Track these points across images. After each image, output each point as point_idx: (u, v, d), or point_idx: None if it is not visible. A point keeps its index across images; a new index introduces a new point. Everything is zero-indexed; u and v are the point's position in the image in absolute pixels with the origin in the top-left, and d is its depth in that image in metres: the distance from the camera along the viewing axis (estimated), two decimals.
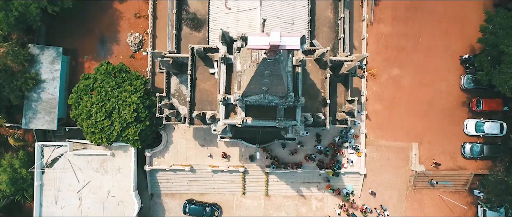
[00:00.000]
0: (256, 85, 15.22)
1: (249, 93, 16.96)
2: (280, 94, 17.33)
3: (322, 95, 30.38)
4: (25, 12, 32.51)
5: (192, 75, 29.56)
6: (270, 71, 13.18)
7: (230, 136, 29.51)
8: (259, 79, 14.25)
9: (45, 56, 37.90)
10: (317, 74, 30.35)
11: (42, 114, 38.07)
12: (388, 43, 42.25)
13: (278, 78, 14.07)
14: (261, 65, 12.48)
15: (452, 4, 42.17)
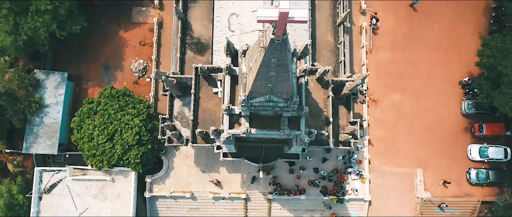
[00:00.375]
0: (262, 81, 15.33)
1: (254, 94, 17.02)
2: (285, 96, 17.38)
3: (324, 114, 30.45)
4: (34, 36, 33.39)
5: (195, 95, 29.80)
6: (277, 59, 13.39)
7: (233, 153, 29.13)
8: (265, 73, 14.41)
9: (50, 81, 38.40)
10: (319, 94, 30.63)
11: (43, 138, 37.89)
12: (388, 69, 42.98)
13: (284, 70, 14.21)
14: (269, 50, 12.70)
15: (449, 34, 43.40)
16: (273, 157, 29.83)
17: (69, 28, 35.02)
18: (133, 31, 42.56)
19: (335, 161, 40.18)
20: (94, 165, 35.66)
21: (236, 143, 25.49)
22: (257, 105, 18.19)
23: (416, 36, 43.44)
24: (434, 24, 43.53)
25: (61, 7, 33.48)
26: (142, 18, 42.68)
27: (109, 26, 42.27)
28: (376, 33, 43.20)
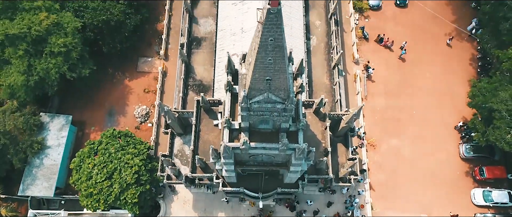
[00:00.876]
0: (260, 71, 16.22)
1: (253, 92, 17.79)
2: (282, 95, 18.15)
3: (323, 146, 30.84)
4: (45, 76, 35.17)
5: (196, 126, 30.54)
6: (274, 39, 14.52)
7: (232, 183, 28.73)
8: (263, 59, 15.38)
9: (54, 123, 39.34)
10: (317, 126, 31.38)
11: (41, 180, 37.57)
12: (384, 115, 44.16)
13: (280, 55, 15.19)
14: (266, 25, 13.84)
15: (439, 82, 45.46)
16: (272, 187, 29.46)
17: (79, 71, 36.99)
18: (138, 79, 44.68)
19: (341, 206, 39.30)
20: (90, 205, 34.86)
21: (236, 166, 25.56)
22: (256, 108, 18.91)
23: (408, 84, 45.44)
24: (425, 73, 45.80)
25: (73, 51, 35.82)
26: (147, 67, 45.13)
27: (115, 75, 44.51)
28: (370, 81, 45.25)
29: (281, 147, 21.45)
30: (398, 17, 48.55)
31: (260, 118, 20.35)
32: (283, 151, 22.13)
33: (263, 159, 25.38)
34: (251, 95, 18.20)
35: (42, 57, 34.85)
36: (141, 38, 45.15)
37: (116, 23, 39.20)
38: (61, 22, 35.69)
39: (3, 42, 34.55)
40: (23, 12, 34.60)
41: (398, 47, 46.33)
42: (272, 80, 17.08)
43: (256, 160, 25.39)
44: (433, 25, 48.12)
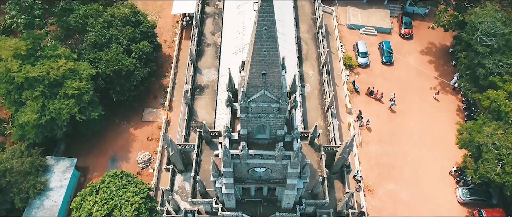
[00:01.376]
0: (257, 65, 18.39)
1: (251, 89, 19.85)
2: (276, 93, 20.17)
3: (319, 174, 31.92)
4: (56, 117, 37.53)
5: (197, 156, 32.00)
6: (267, 28, 17.10)
7: (232, 209, 28.97)
8: (259, 50, 17.63)
9: (59, 166, 40.53)
10: (312, 156, 32.83)
11: None
12: (379, 161, 45.46)
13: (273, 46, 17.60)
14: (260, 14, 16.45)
15: (430, 130, 47.63)
16: (270, 212, 29.67)
17: (89, 114, 39.48)
18: (142, 128, 46.91)
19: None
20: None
21: (235, 184, 26.39)
22: (253, 108, 20.77)
23: (400, 132, 47.58)
24: (415, 123, 48.21)
25: (86, 94, 38.76)
26: (152, 117, 47.68)
27: (121, 124, 46.86)
28: (364, 129, 47.45)
29: (277, 153, 22.93)
30: (385, 73, 52.65)
31: (258, 122, 22.22)
32: (280, 158, 23.50)
33: (261, 176, 26.42)
34: (249, 94, 20.41)
35: (56, 99, 37.59)
36: (147, 91, 48.56)
37: (126, 73, 42.82)
38: (77, 69, 39.27)
39: (22, 85, 37.66)
40: (45, 59, 38.33)
41: (387, 99, 49.51)
42: (267, 75, 19.50)
43: (255, 176, 26.44)
44: (419, 80, 52.01)
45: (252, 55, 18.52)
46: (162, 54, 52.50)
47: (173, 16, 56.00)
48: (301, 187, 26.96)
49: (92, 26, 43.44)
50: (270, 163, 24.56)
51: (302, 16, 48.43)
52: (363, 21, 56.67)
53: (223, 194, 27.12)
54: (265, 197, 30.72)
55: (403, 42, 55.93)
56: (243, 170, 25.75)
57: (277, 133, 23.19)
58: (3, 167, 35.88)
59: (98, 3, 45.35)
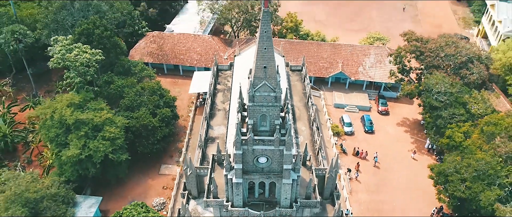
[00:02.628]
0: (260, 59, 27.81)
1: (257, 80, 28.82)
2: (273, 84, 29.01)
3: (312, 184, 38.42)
4: (93, 154, 45.39)
5: (211, 171, 39.07)
6: (266, 31, 27.10)
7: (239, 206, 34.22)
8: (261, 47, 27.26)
9: (85, 202, 46.33)
10: (306, 174, 39.79)
11: None
12: (368, 206, 50.98)
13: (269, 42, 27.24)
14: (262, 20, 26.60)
15: (413, 181, 54.18)
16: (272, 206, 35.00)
17: (118, 156, 47.36)
18: (158, 180, 53.72)
19: None
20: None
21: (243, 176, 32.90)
22: (257, 97, 29.34)
23: (385, 184, 54.11)
24: (397, 177, 55.12)
25: (118, 139, 47.38)
26: (167, 171, 54.90)
27: (140, 175, 53.85)
28: (353, 181, 54.11)
29: (275, 137, 30.85)
30: (368, 140, 61.62)
31: (260, 111, 30.72)
32: (277, 143, 31.17)
33: (264, 168, 33.34)
34: (255, 84, 29.58)
35: (95, 140, 46.07)
36: (165, 150, 56.87)
37: (151, 129, 52.06)
38: (114, 119, 48.78)
39: (69, 129, 46.62)
40: (91, 110, 48.21)
41: (371, 157, 57.42)
42: (267, 68, 29.01)
43: (258, 168, 33.35)
44: (398, 145, 60.69)
45: (256, 53, 28.63)
46: (178, 124, 62.42)
47: (189, 97, 67.98)
48: (295, 178, 33.72)
49: (127, 93, 54.62)
50: (270, 150, 32.15)
51: (295, 91, 60.01)
52: (347, 101, 68.40)
53: (234, 184, 33.66)
54: (266, 199, 36.66)
55: (381, 117, 66.51)
56: (249, 160, 33.02)
57: (275, 122, 31.59)
58: (44, 193, 42.09)
59: (133, 78, 57.47)
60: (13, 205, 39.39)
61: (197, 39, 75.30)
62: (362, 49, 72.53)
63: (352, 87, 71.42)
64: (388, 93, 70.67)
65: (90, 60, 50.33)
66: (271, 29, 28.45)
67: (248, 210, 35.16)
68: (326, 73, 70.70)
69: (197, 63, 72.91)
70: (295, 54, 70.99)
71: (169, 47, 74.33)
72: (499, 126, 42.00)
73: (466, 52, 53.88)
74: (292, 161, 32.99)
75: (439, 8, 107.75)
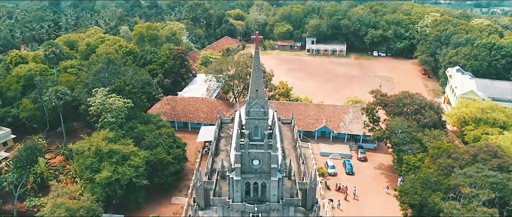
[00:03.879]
0: (253, 84, 40.69)
1: (251, 99, 41.40)
2: (262, 103, 41.43)
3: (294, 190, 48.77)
4: (121, 177, 56.09)
5: (217, 180, 49.77)
6: (257, 65, 40.36)
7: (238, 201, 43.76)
8: (254, 75, 40.47)
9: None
10: (289, 183, 50.43)
11: None
12: None
13: (259, 74, 40.57)
14: (254, 57, 40.09)
15: (384, 208, 63.40)
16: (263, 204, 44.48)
17: (140, 181, 58.08)
18: (169, 207, 63.17)
19: None
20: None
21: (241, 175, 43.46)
22: (251, 112, 41.64)
23: (362, 211, 63.33)
24: (373, 205, 64.55)
25: (141, 168, 58.60)
26: (177, 201, 64.56)
27: (154, 203, 63.41)
28: (336, 209, 63.46)
29: (264, 142, 42.63)
30: (349, 180, 71.99)
31: (254, 124, 42.82)
32: (266, 147, 42.75)
33: (257, 169, 44.26)
34: (249, 102, 42.30)
35: (123, 166, 57.27)
36: (175, 186, 67.18)
37: (166, 163, 63.41)
38: (138, 153, 60.51)
39: (102, 156, 58.11)
40: (121, 144, 60.21)
41: (351, 191, 67.42)
42: (258, 91, 41.87)
43: (253, 169, 44.28)
44: (374, 183, 70.95)
45: (251, 81, 42.03)
46: (187, 167, 73.44)
47: (196, 148, 79.96)
48: (280, 177, 44.55)
49: (147, 136, 67.06)
50: (261, 152, 43.61)
51: (285, 137, 72.23)
52: (331, 151, 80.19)
53: (234, 181, 44.32)
54: (259, 198, 46.68)
55: (360, 163, 77.68)
56: (246, 162, 44.21)
57: (265, 132, 43.66)
58: (80, 205, 51.99)
59: (153, 125, 70.38)
60: (58, 210, 49.25)
61: (204, 102, 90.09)
62: (342, 108, 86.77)
63: (335, 140, 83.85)
64: (367, 145, 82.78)
65: (121, 107, 63.98)
66: (261, 64, 42.51)
67: (245, 204, 45.24)
68: (313, 128, 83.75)
69: (203, 120, 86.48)
70: (286, 113, 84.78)
71: (180, 107, 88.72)
72: (441, 149, 53.62)
73: (419, 102, 67.70)
74: (277, 162, 44.33)
75: (412, 83, 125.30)
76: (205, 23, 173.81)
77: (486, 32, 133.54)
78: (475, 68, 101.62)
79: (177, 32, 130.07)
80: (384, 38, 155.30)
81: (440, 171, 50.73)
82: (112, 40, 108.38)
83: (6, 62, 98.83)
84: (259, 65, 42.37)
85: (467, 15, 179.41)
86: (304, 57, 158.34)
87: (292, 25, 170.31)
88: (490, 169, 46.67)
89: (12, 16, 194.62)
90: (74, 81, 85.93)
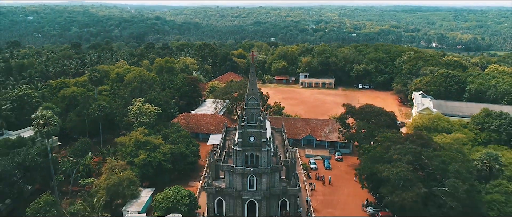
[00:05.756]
0: (251, 84, 61.73)
1: (250, 95, 62.67)
2: (256, 97, 62.50)
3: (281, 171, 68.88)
4: (152, 160, 76.28)
5: (225, 157, 70.09)
6: (254, 72, 61.22)
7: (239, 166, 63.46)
8: (251, 79, 61.37)
9: (145, 191, 75.11)
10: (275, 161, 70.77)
11: None
12: (323, 200, 78.69)
13: (254, 79, 61.57)
14: (251, 66, 61.00)
15: (351, 190, 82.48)
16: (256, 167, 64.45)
17: (166, 164, 78.14)
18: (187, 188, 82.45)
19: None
20: None
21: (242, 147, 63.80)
22: (249, 103, 62.67)
23: (336, 193, 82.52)
24: (343, 188, 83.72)
25: (167, 155, 78.90)
26: (193, 184, 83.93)
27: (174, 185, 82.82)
28: (315, 190, 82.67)
29: (257, 123, 63.49)
30: (327, 173, 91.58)
31: (250, 112, 63.75)
32: (259, 127, 63.50)
33: (252, 143, 64.66)
34: (248, 97, 63.57)
35: (155, 152, 77.67)
36: (190, 175, 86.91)
37: (185, 155, 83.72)
38: (165, 145, 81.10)
39: (139, 146, 78.66)
40: (153, 137, 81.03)
41: (327, 179, 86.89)
42: (253, 89, 63.03)
43: (250, 143, 64.69)
44: (346, 176, 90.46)
45: (249, 83, 63.70)
46: (199, 164, 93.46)
47: (206, 152, 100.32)
48: (268, 149, 64.85)
49: (171, 135, 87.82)
50: (255, 131, 64.28)
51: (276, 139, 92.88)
52: (314, 153, 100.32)
53: (237, 152, 64.52)
54: (254, 165, 66.51)
55: (337, 162, 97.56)
56: (245, 138, 64.65)
57: (258, 118, 64.61)
58: (125, 178, 71.74)
59: (175, 128, 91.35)
60: (111, 177, 69.10)
61: (212, 117, 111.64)
62: (323, 121, 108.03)
63: (318, 146, 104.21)
64: (343, 150, 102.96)
65: (153, 112, 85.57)
66: (255, 71, 64.49)
67: (244, 168, 65.23)
68: (300, 136, 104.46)
69: (212, 131, 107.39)
70: (279, 124, 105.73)
71: (193, 121, 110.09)
72: (386, 137, 74.06)
73: (376, 110, 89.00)
74: (266, 138, 64.81)
75: (389, 108, 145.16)
76: (212, 61, 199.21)
77: (452, 67, 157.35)
78: (435, 92, 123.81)
79: (189, 66, 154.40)
80: (367, 72, 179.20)
81: (383, 150, 70.86)
82: (136, 71, 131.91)
83: (52, 87, 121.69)
84: (254, 73, 64.46)
85: (443, 54, 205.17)
86: (298, 89, 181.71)
87: (287, 62, 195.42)
88: (416, 146, 66.92)
89: (41, 54, 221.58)
90: (109, 100, 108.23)
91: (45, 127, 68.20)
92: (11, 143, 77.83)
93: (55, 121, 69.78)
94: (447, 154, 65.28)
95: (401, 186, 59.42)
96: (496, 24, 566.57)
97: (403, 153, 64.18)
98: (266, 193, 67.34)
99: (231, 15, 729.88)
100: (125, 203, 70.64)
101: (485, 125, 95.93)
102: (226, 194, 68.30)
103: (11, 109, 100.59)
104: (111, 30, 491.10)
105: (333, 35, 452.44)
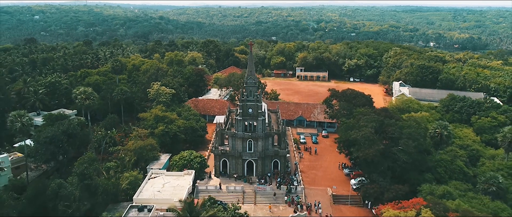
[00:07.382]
0: (249, 66, 78.39)
1: (249, 76, 79.59)
2: (254, 81, 79.52)
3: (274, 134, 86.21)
4: (169, 131, 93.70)
5: (229, 125, 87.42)
6: (251, 57, 77.96)
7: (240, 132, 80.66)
8: (249, 62, 78.01)
9: (163, 155, 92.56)
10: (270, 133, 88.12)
11: None
12: (309, 164, 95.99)
13: (252, 62, 78.11)
14: (249, 53, 77.42)
15: (333, 158, 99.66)
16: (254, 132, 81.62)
17: (180, 135, 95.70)
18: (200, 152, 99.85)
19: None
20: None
21: (242, 117, 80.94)
22: (248, 83, 79.53)
23: (320, 159, 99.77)
24: (326, 156, 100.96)
25: (181, 127, 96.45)
26: (204, 149, 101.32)
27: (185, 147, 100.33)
28: (303, 158, 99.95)
29: (254, 98, 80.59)
30: (314, 146, 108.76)
31: (249, 89, 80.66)
32: (255, 100, 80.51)
33: (250, 113, 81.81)
34: (247, 77, 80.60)
35: (171, 124, 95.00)
36: (199, 146, 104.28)
37: (195, 129, 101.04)
38: (179, 119, 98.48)
39: (158, 120, 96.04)
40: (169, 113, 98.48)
41: (313, 150, 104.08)
42: (251, 71, 79.85)
43: (248, 113, 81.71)
44: (330, 148, 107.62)
45: (248, 66, 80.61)
46: (206, 138, 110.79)
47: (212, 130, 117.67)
48: (263, 119, 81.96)
49: (183, 113, 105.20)
50: (253, 104, 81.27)
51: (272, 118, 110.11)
52: (304, 131, 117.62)
53: (238, 120, 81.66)
54: (252, 131, 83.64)
55: (323, 139, 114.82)
56: (245, 110, 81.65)
57: (255, 94, 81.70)
58: (148, 143, 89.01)
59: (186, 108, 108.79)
60: (136, 142, 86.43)
61: (217, 102, 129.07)
62: (313, 105, 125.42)
63: (308, 126, 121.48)
64: (330, 129, 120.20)
65: (168, 93, 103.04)
66: (253, 56, 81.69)
67: (244, 133, 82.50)
68: (292, 117, 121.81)
69: (217, 113, 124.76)
70: (273, 107, 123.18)
71: (201, 105, 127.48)
72: (359, 111, 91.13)
73: (356, 93, 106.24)
74: (262, 110, 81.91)
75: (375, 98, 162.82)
76: (216, 56, 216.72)
77: (433, 61, 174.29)
78: (412, 82, 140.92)
79: (196, 59, 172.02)
80: (358, 66, 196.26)
81: (355, 121, 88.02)
82: (149, 63, 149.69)
83: (77, 75, 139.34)
84: (251, 58, 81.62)
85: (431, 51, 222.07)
86: (294, 82, 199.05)
87: (285, 58, 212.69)
88: (381, 117, 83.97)
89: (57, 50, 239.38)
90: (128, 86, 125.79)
91: (87, 100, 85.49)
92: (55, 116, 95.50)
93: (94, 96, 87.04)
94: (405, 123, 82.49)
95: (366, 145, 76.47)
96: (494, 24, 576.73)
97: (369, 121, 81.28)
98: (261, 154, 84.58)
99: (233, 15, 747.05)
100: (148, 164, 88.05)
101: (450, 107, 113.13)
102: (230, 155, 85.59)
103: (45, 93, 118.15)
104: (116, 29, 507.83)
105: (333, 34, 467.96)
